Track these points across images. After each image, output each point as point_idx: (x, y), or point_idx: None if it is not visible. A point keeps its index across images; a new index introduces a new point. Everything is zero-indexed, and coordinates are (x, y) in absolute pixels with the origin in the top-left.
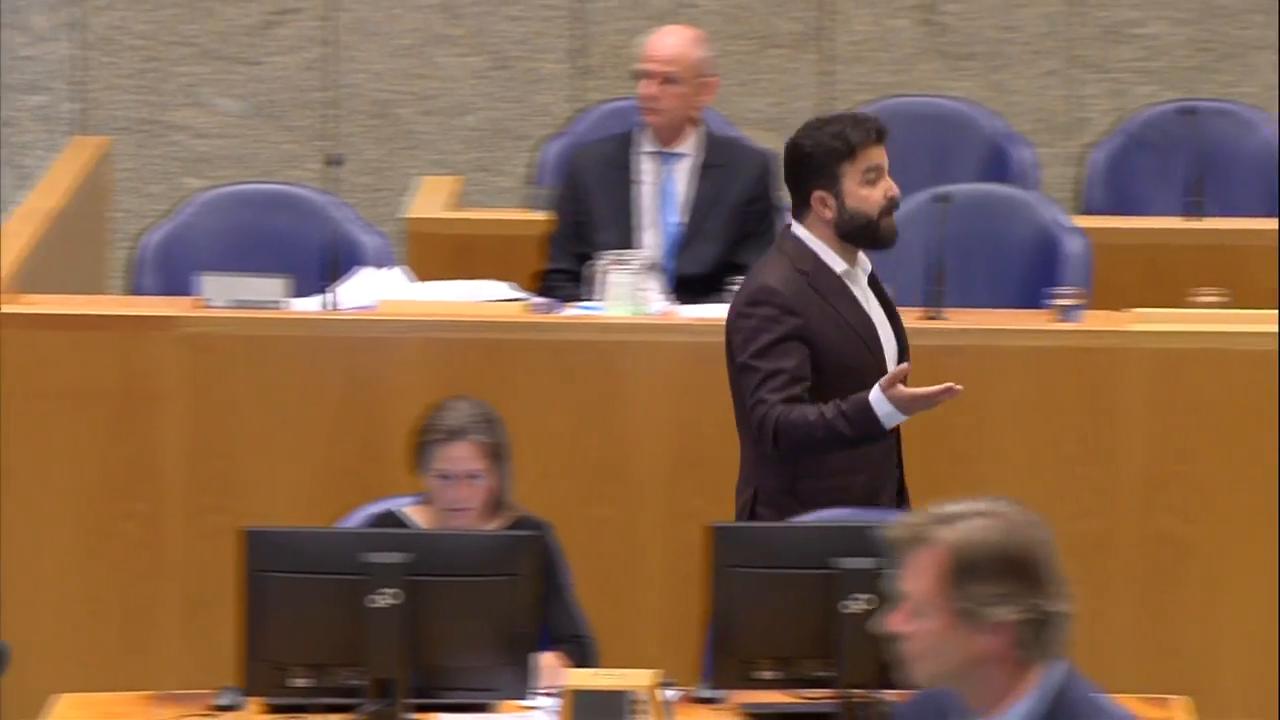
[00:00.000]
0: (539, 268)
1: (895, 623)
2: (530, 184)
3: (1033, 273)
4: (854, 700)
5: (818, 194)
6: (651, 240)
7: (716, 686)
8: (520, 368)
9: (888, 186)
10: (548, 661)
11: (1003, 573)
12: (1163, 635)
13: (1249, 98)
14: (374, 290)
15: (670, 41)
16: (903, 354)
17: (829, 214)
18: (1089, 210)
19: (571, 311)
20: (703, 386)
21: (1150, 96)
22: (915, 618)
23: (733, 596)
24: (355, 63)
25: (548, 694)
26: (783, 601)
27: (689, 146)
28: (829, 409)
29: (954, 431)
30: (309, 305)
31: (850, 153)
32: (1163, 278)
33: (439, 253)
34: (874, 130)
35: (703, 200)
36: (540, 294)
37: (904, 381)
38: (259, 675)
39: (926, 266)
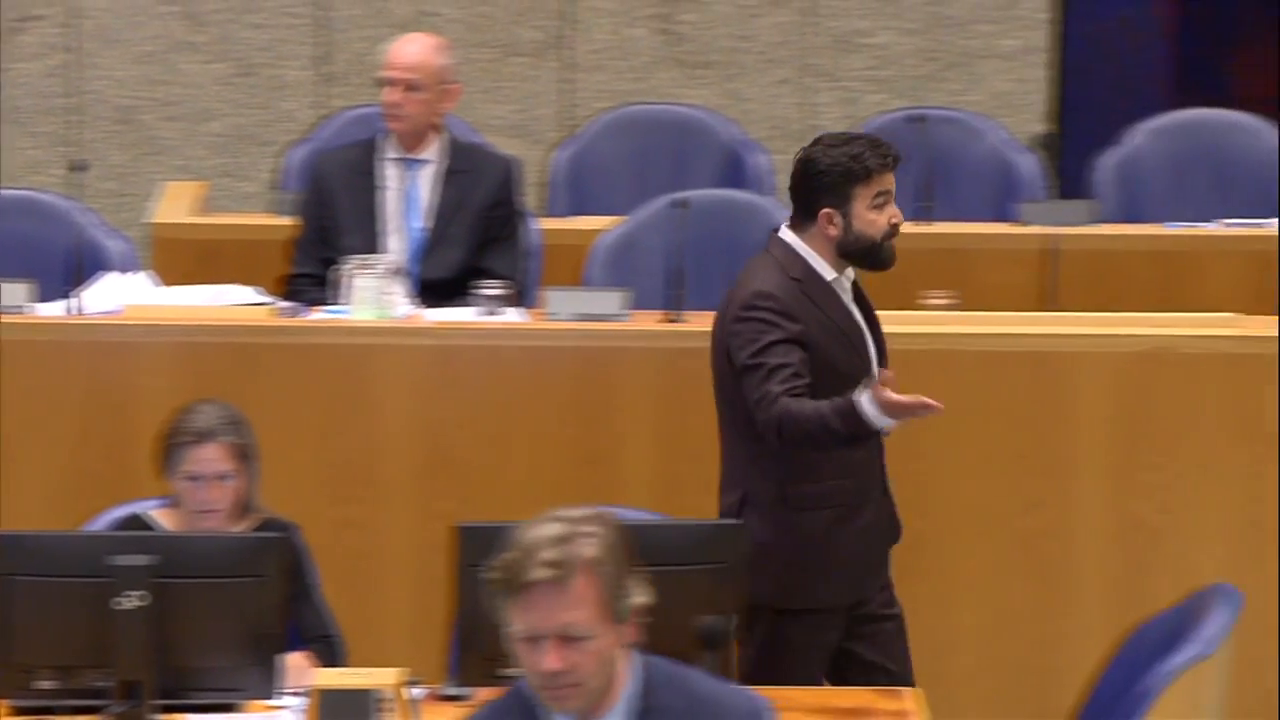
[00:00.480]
0: (284, 272)
1: (555, 662)
2: (275, 189)
3: None
4: None
5: (826, 211)
6: (396, 245)
7: (462, 684)
8: (266, 371)
9: (893, 212)
10: (297, 662)
11: (626, 565)
12: None
13: (975, 105)
14: (119, 295)
15: (413, 49)
16: (881, 359)
17: (834, 232)
18: None
19: (317, 315)
20: (449, 389)
21: (880, 104)
22: (582, 645)
23: (477, 595)
24: (98, 69)
25: (295, 694)
26: None
27: (432, 153)
28: (825, 406)
29: (694, 430)
30: (54, 310)
31: (866, 176)
32: (894, 280)
33: (184, 257)
34: (890, 157)
35: (447, 206)
36: (286, 298)
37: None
38: (5, 677)
39: (666, 270)
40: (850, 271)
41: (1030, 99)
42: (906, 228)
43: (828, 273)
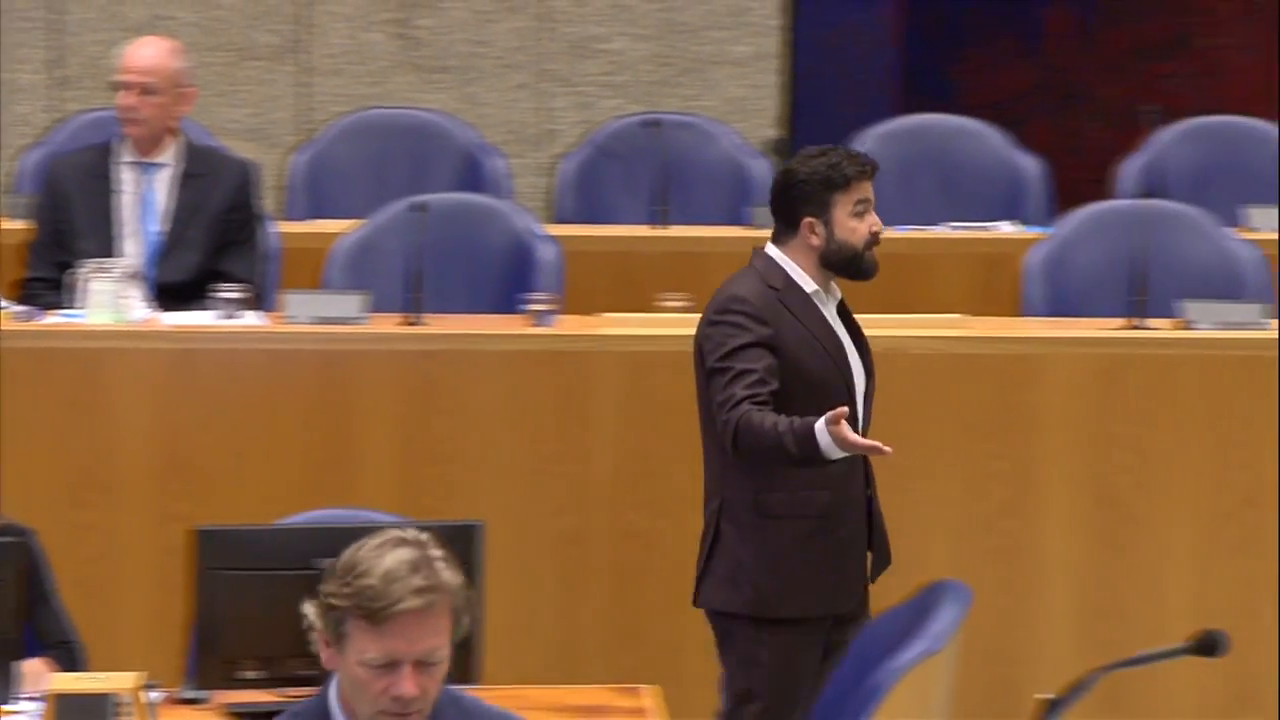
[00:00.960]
0: (19, 276)
1: (413, 688)
2: (9, 193)
3: (508, 279)
4: None
5: (808, 220)
6: (133, 249)
7: (200, 687)
8: (2, 375)
9: (873, 221)
10: (35, 668)
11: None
12: (633, 627)
13: (709, 111)
14: None
15: (147, 53)
16: (870, 379)
17: (816, 241)
18: (560, 219)
19: (53, 319)
20: (186, 392)
21: (616, 109)
22: (434, 670)
23: (216, 598)
24: None
25: (32, 699)
26: (266, 602)
27: (169, 156)
28: (783, 423)
29: (434, 433)
30: None
31: (844, 184)
32: (631, 283)
33: None
34: (868, 165)
35: (183, 209)
36: (21, 302)
37: (851, 421)
38: None
39: (405, 273)
40: (836, 289)
41: (763, 104)
42: (641, 231)
43: (808, 284)
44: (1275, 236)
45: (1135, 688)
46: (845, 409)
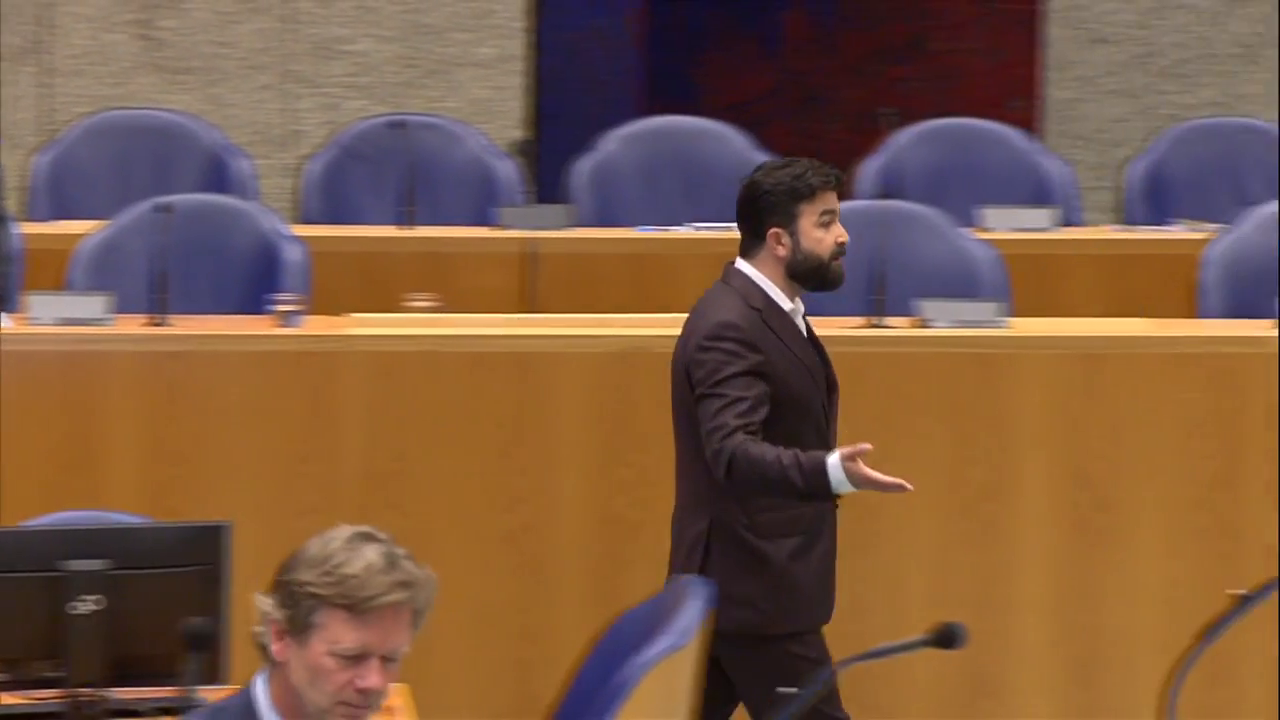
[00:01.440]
0: None
1: (379, 681)
2: None
3: (254, 280)
4: (82, 699)
5: (774, 231)
6: None
7: None
8: None
9: (839, 232)
10: None
11: None
12: None
13: (455, 112)
14: None
15: None
16: (830, 388)
17: (783, 251)
18: (306, 220)
19: None
20: None
21: (361, 110)
22: (394, 666)
23: None
24: None
25: None
26: (10, 604)
27: None
28: (787, 455)
29: (181, 434)
30: None
31: (810, 194)
32: (378, 284)
33: None
34: (832, 175)
35: None
36: None
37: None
38: None
39: (149, 275)
40: (800, 302)
41: (508, 106)
42: (388, 232)
43: (785, 303)
44: (1011, 236)
45: (876, 682)
46: (867, 445)
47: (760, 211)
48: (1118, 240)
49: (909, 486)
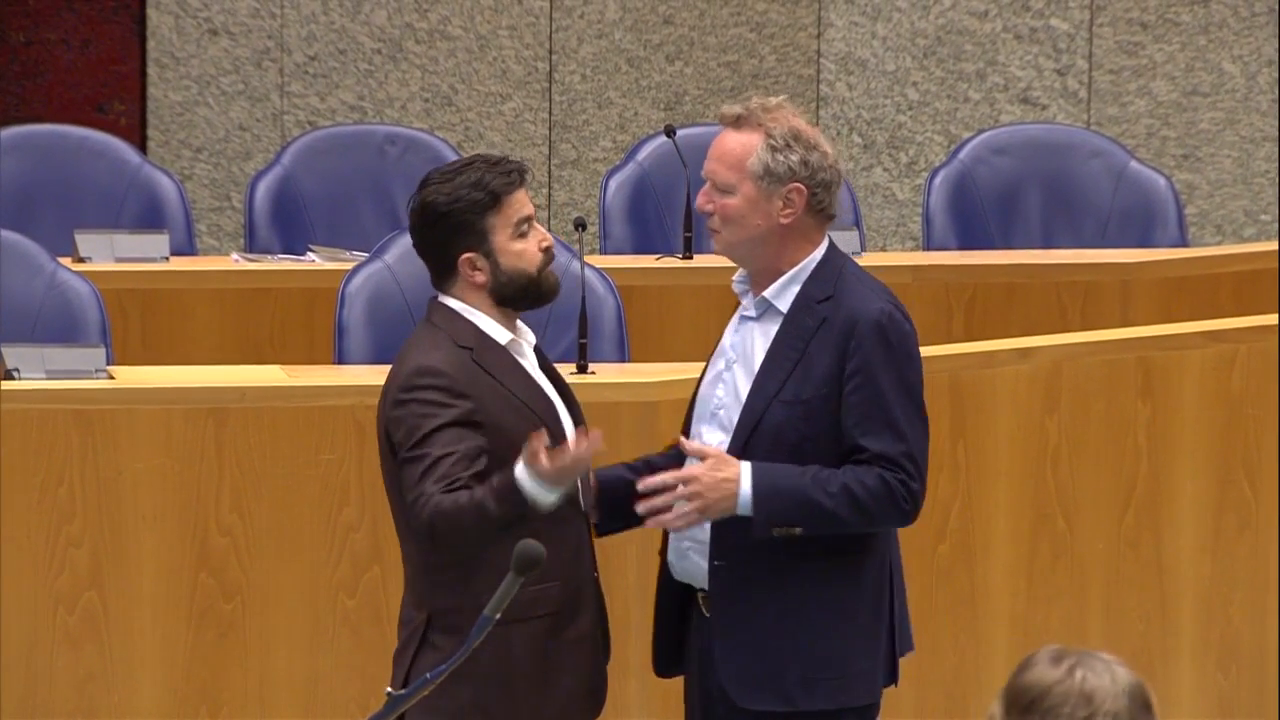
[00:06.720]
0: None
1: None
2: None
3: None
4: None
5: (465, 257)
6: None
7: None
8: None
9: (541, 236)
10: None
11: None
12: None
13: None
14: None
15: None
16: (578, 424)
17: (481, 278)
18: None
19: None
20: None
21: None
22: None
23: None
24: None
25: None
26: None
27: None
28: (480, 491)
29: None
30: None
31: (495, 202)
32: None
33: None
34: (515, 172)
35: None
36: None
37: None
38: None
39: None
40: (529, 333)
41: None
42: None
43: (502, 335)
44: (114, 268)
45: None
46: (540, 434)
47: (443, 237)
48: (241, 272)
49: (595, 436)
